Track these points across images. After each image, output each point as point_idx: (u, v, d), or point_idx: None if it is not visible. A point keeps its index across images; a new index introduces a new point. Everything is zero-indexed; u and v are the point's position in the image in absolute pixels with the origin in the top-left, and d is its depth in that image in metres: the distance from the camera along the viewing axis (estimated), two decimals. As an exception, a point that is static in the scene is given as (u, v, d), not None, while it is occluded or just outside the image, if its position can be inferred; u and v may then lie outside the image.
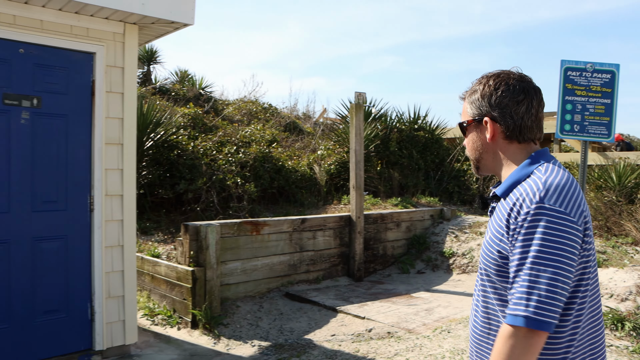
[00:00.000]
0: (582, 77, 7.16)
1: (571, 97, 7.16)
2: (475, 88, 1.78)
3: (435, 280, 8.01)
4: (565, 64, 7.17)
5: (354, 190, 7.95)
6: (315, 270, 7.59)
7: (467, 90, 1.83)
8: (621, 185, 9.66)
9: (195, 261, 6.23)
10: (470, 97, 1.79)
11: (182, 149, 8.78)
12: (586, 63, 7.14)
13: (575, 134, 7.16)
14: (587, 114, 7.16)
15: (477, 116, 1.76)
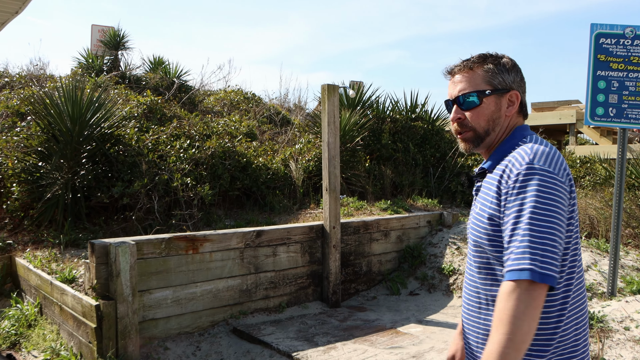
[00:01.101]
0: (620, 46, 5.50)
1: (605, 72, 5.51)
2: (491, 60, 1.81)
3: (430, 306, 6.38)
4: (597, 29, 5.51)
5: (327, 193, 6.32)
6: (276, 296, 5.98)
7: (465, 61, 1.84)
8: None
9: (104, 291, 4.66)
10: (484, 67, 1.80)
11: (125, 144, 7.21)
12: (624, 27, 5.49)
13: (610, 120, 5.51)
14: (625, 93, 5.51)
15: (501, 87, 1.79)
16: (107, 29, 13.31)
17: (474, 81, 1.80)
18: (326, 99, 6.31)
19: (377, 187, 8.78)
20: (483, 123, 1.80)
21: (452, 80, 1.87)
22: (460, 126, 1.84)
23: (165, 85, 12.02)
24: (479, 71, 1.81)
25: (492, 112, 1.79)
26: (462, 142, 1.86)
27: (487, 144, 1.82)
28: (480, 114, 1.80)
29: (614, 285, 5.65)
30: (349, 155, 8.72)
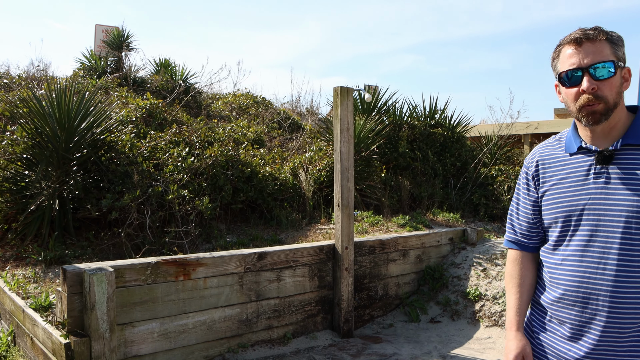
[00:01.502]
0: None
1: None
2: (615, 35, 1.76)
3: (454, 337, 5.66)
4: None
5: (339, 209, 5.62)
6: (280, 326, 5.29)
7: (594, 29, 1.75)
8: None
9: (78, 326, 4.00)
10: (612, 41, 1.75)
11: (118, 151, 6.57)
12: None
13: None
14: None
15: (622, 62, 1.75)
16: (110, 29, 12.74)
17: (605, 52, 1.74)
18: (339, 104, 5.63)
19: (394, 200, 8.07)
20: (614, 95, 1.75)
21: (578, 49, 1.77)
22: (595, 98, 1.74)
23: (170, 88, 11.41)
24: (608, 42, 1.76)
25: (619, 86, 1.77)
26: (591, 116, 1.76)
27: (614, 118, 1.78)
28: (613, 85, 1.75)
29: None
30: (363, 164, 8.02)
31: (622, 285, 1.70)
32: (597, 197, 1.78)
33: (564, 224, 1.85)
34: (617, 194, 1.73)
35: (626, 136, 1.77)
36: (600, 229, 1.76)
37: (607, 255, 1.73)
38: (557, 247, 1.88)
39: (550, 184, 1.90)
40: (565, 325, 1.85)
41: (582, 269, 1.78)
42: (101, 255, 5.81)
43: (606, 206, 1.75)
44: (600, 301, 1.74)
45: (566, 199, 1.84)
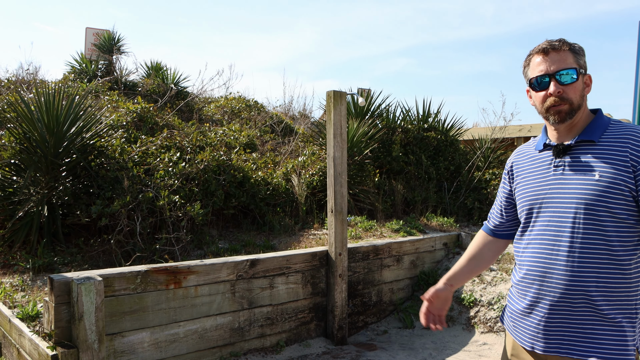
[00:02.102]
0: (674, 47, 4.73)
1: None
2: (577, 46, 2.03)
3: (450, 344, 5.59)
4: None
5: (332, 215, 5.55)
6: (273, 334, 5.20)
7: (554, 42, 2.00)
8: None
9: (65, 337, 3.90)
10: (574, 51, 2.00)
11: (108, 157, 6.47)
12: (678, 26, 4.71)
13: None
14: (680, 102, 4.74)
15: (583, 69, 2.00)
16: (101, 32, 12.63)
17: (568, 60, 1.99)
18: (332, 108, 5.56)
19: (388, 204, 8.00)
20: (578, 97, 1.99)
21: (545, 57, 2.01)
22: (561, 99, 1.97)
23: (161, 91, 11.30)
24: (570, 52, 2.00)
25: (581, 89, 2.00)
26: (557, 115, 1.99)
27: (576, 118, 2.00)
28: (576, 89, 1.98)
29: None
30: (356, 169, 7.95)
31: (572, 264, 1.91)
32: (554, 187, 2.01)
33: (529, 211, 2.09)
34: (569, 184, 1.96)
35: (582, 133, 1.99)
36: (555, 214, 1.98)
37: (560, 237, 1.95)
38: (524, 233, 2.11)
39: (520, 177, 2.16)
40: (525, 300, 2.05)
41: (540, 251, 2.00)
42: (91, 262, 5.71)
43: (560, 194, 1.98)
44: (554, 278, 1.94)
45: (531, 190, 2.08)
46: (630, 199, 1.86)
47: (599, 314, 1.89)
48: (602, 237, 1.88)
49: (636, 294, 1.90)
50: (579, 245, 1.91)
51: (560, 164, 2.00)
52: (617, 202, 1.87)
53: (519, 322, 2.10)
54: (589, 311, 1.90)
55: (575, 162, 1.97)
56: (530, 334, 2.03)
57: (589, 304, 1.90)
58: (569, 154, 1.99)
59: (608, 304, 1.88)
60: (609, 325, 1.88)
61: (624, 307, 1.88)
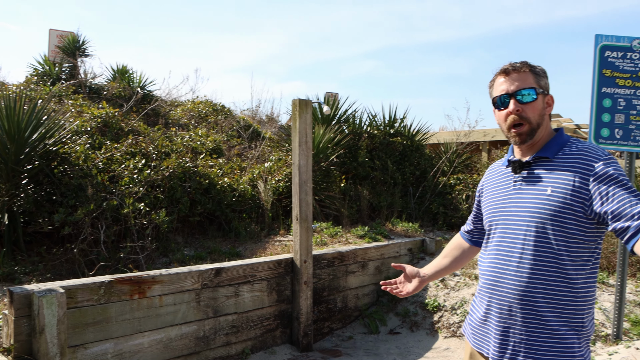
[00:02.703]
0: (627, 60, 4.90)
1: (611, 88, 4.90)
2: (538, 68, 2.12)
3: (414, 349, 5.68)
4: (602, 41, 4.91)
5: (297, 223, 5.58)
6: (239, 342, 5.22)
7: (516, 64, 2.11)
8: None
9: (27, 351, 3.86)
10: (534, 72, 2.10)
11: (72, 164, 6.39)
12: (632, 39, 4.90)
13: (617, 143, 4.90)
14: (633, 113, 4.91)
15: (545, 90, 2.10)
16: (65, 34, 12.42)
17: (529, 80, 2.08)
18: (297, 116, 5.60)
19: (354, 210, 8.07)
20: (537, 117, 2.07)
21: (506, 78, 2.11)
22: (520, 118, 2.06)
23: (127, 95, 11.18)
24: (531, 73, 2.10)
25: (541, 109, 2.08)
26: (517, 136, 2.08)
27: (536, 136, 2.08)
28: (535, 109, 2.07)
29: (619, 327, 5.03)
30: (322, 175, 8.01)
31: (521, 277, 2.00)
32: (511, 201, 2.10)
33: (490, 224, 2.20)
34: (525, 198, 2.05)
35: (541, 151, 2.08)
36: (509, 228, 2.08)
37: (512, 250, 2.05)
38: (487, 245, 2.22)
39: (487, 191, 2.28)
40: (482, 308, 2.14)
41: (494, 262, 2.10)
42: (53, 271, 5.64)
43: (516, 208, 2.07)
44: (505, 290, 2.03)
45: (494, 203, 2.19)
46: (581, 214, 1.91)
47: (545, 325, 1.95)
48: (552, 251, 1.95)
49: (583, 307, 1.96)
50: (529, 258, 1.98)
51: (519, 179, 2.09)
52: (567, 217, 1.93)
53: (478, 330, 2.17)
54: (536, 323, 1.97)
55: (531, 177, 2.05)
56: (486, 341, 2.11)
57: (536, 316, 1.97)
58: (526, 170, 2.08)
59: (555, 316, 1.95)
60: (555, 336, 1.95)
61: (571, 320, 1.95)
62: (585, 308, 1.97)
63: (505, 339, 2.03)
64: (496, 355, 2.05)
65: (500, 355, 2.04)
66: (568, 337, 1.94)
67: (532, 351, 1.97)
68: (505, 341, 2.03)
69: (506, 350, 2.03)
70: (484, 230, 2.30)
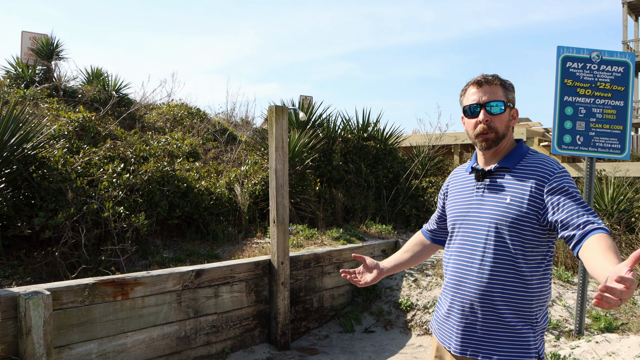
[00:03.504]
0: (587, 71, 5.18)
1: (572, 97, 5.18)
2: (508, 83, 2.30)
3: (388, 346, 5.90)
4: (564, 52, 5.18)
5: (274, 225, 5.77)
6: (219, 341, 5.38)
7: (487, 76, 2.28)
8: (615, 208, 7.77)
9: (13, 352, 3.97)
10: (504, 86, 2.28)
11: (51, 168, 6.46)
12: (590, 51, 5.18)
13: (578, 149, 5.18)
14: (593, 120, 5.19)
15: (511, 104, 2.28)
16: (39, 37, 12.36)
17: (499, 93, 2.26)
18: (274, 122, 5.78)
19: (328, 212, 8.28)
20: (503, 127, 2.25)
21: (478, 89, 2.27)
22: (488, 127, 2.24)
23: (103, 99, 11.21)
24: (501, 87, 2.27)
25: (507, 121, 2.27)
26: (484, 142, 2.26)
27: (500, 145, 2.27)
28: (502, 120, 2.25)
29: (581, 323, 5.31)
30: (298, 178, 8.19)
31: (482, 277, 2.17)
32: (474, 206, 2.27)
33: (453, 226, 2.36)
34: (486, 205, 2.22)
35: (502, 161, 2.26)
36: (472, 231, 2.25)
37: (474, 252, 2.21)
38: (450, 245, 2.37)
39: (451, 195, 2.44)
40: (446, 305, 2.31)
41: (458, 263, 2.27)
42: (33, 274, 5.72)
43: (478, 213, 2.24)
44: (467, 289, 2.20)
45: (457, 207, 2.35)
46: (535, 221, 2.09)
47: (503, 321, 2.13)
48: (509, 254, 2.12)
49: (537, 304, 2.15)
50: (489, 261, 2.15)
51: (481, 187, 2.26)
52: (524, 223, 2.10)
53: (442, 325, 2.33)
54: (494, 319, 2.15)
55: (492, 185, 2.23)
56: (449, 336, 2.28)
57: (495, 313, 2.15)
58: (489, 178, 2.25)
59: (511, 313, 2.13)
60: (511, 332, 2.13)
61: (526, 316, 2.13)
62: (539, 305, 2.17)
63: (467, 335, 2.20)
64: (458, 349, 2.22)
65: (463, 350, 2.21)
66: (524, 332, 2.12)
67: (491, 345, 2.15)
68: (467, 336, 2.20)
69: (468, 345, 2.20)
70: (447, 230, 2.44)
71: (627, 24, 27.76)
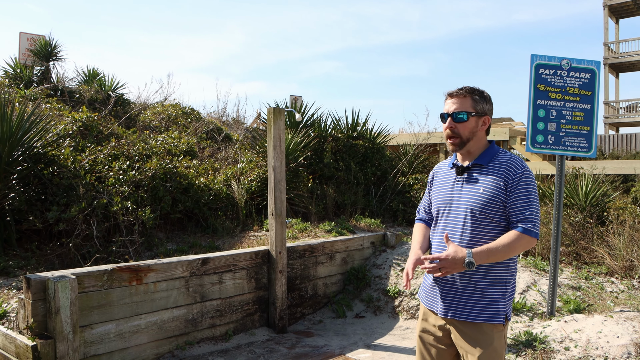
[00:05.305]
0: (557, 77, 5.72)
1: (544, 101, 5.71)
2: (477, 92, 2.76)
3: (377, 329, 6.40)
4: (537, 60, 5.71)
5: (273, 218, 6.25)
6: (223, 324, 5.86)
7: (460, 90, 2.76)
8: (589, 203, 8.34)
9: (42, 330, 4.41)
10: (473, 97, 2.74)
11: (61, 165, 6.88)
12: (561, 59, 5.71)
13: (549, 147, 5.71)
14: (563, 122, 5.72)
15: (480, 112, 2.75)
16: (37, 38, 12.71)
17: (465, 104, 2.72)
18: (272, 123, 6.26)
19: (320, 207, 8.77)
20: (467, 133, 2.72)
21: (450, 100, 2.77)
22: (452, 133, 2.73)
23: (100, 99, 11.60)
24: (469, 98, 2.73)
25: (472, 127, 2.72)
26: (451, 145, 2.77)
27: (467, 148, 2.74)
28: (465, 127, 2.72)
29: (553, 305, 5.84)
30: (291, 175, 8.68)
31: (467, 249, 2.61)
32: (455, 195, 2.77)
33: (437, 211, 2.85)
34: (464, 194, 2.73)
35: (477, 159, 2.75)
36: (453, 215, 2.75)
37: (455, 229, 2.72)
38: (435, 225, 2.86)
39: (436, 186, 2.92)
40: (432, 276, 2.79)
41: (441, 241, 2.76)
42: (45, 265, 6.15)
43: (458, 201, 2.75)
44: None
45: (441, 196, 2.84)
46: (501, 206, 2.63)
47: (478, 288, 2.66)
48: (482, 234, 2.65)
49: (506, 274, 2.70)
50: (467, 237, 2.66)
51: (460, 180, 2.77)
52: (492, 208, 2.64)
53: (429, 293, 2.84)
54: (471, 286, 2.67)
55: (469, 179, 2.73)
56: (435, 301, 2.78)
57: (471, 281, 2.67)
58: (466, 172, 2.75)
59: (485, 281, 2.66)
60: (485, 297, 2.65)
61: (497, 284, 2.67)
62: (508, 275, 2.71)
63: (448, 299, 2.71)
64: (442, 311, 2.73)
65: (446, 312, 2.71)
66: (495, 297, 2.66)
67: (468, 308, 2.67)
68: (448, 301, 2.71)
69: (449, 308, 2.71)
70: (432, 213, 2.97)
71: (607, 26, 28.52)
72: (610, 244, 7.51)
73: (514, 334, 5.34)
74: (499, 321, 2.66)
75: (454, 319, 2.72)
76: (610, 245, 7.51)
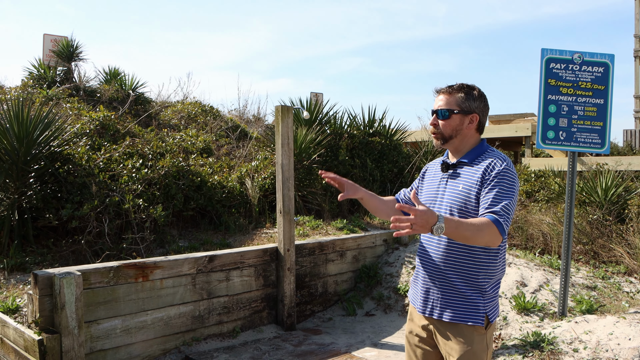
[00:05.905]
0: (569, 71, 5.60)
1: (555, 96, 5.60)
2: (464, 90, 2.71)
3: (386, 328, 6.37)
4: (547, 54, 5.60)
5: (281, 216, 6.25)
6: (230, 321, 5.88)
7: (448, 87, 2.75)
8: (608, 200, 8.16)
9: (49, 324, 4.49)
10: (458, 94, 2.70)
11: (75, 164, 6.99)
12: (572, 53, 5.59)
13: (561, 144, 5.60)
14: (575, 117, 5.61)
15: (466, 110, 2.68)
16: (59, 39, 12.94)
17: (449, 102, 2.69)
18: (280, 121, 6.26)
19: (334, 205, 8.75)
20: (448, 130, 2.70)
21: (437, 97, 2.76)
22: (435, 129, 2.74)
23: (120, 97, 11.75)
24: (455, 96, 2.70)
25: (456, 125, 2.69)
26: (435, 140, 2.77)
27: (452, 145, 2.73)
28: (447, 125, 2.70)
29: (564, 305, 5.73)
30: (305, 172, 8.68)
31: (439, 250, 2.63)
32: (439, 191, 2.74)
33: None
34: (447, 191, 2.68)
35: (463, 157, 2.71)
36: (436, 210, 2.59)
37: None
38: None
39: (427, 180, 2.90)
40: (419, 272, 2.77)
41: (424, 239, 2.75)
42: (61, 261, 6.26)
43: (441, 197, 2.71)
44: (427, 261, 2.69)
45: (428, 192, 2.82)
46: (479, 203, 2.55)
47: (453, 287, 2.61)
48: None
49: (483, 276, 2.59)
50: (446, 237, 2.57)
51: (445, 176, 2.73)
52: (470, 206, 2.57)
53: (413, 289, 2.85)
54: (447, 285, 2.62)
55: (453, 176, 2.70)
56: (416, 297, 2.78)
57: (446, 280, 2.62)
58: (451, 169, 2.72)
59: (460, 280, 2.60)
60: (461, 296, 2.59)
61: (473, 284, 2.58)
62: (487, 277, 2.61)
63: (427, 297, 2.69)
64: (421, 308, 2.72)
65: (424, 309, 2.70)
66: (473, 297, 2.58)
67: (444, 306, 2.63)
68: (426, 298, 2.70)
69: (427, 305, 2.69)
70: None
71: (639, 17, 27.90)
72: (630, 243, 7.35)
73: (522, 335, 5.26)
74: (479, 323, 2.58)
75: (432, 317, 2.69)
76: (630, 243, 7.35)
